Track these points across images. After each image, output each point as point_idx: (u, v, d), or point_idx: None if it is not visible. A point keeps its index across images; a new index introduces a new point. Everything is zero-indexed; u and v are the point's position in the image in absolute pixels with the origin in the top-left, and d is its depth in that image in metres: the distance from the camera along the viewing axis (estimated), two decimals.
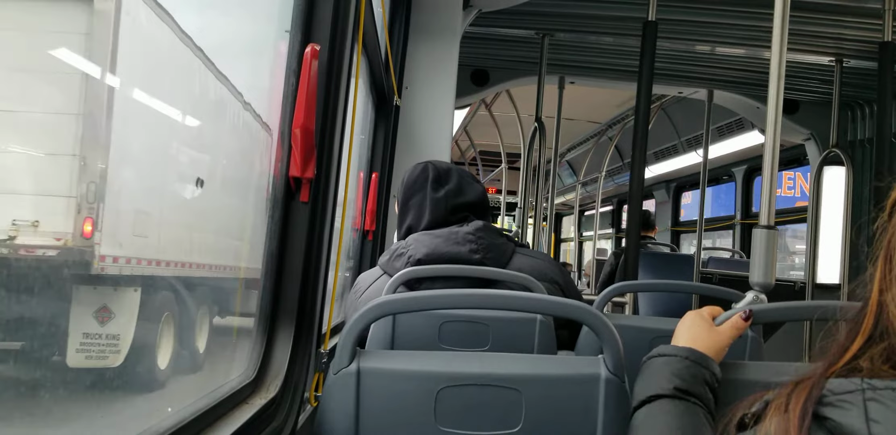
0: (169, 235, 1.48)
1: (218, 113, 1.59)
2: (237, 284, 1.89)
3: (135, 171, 1.31)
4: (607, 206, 10.72)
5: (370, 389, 1.29)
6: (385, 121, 3.33)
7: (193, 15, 1.43)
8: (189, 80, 1.45)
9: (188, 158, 1.50)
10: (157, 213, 1.42)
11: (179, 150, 1.48)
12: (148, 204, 1.38)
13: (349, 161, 1.71)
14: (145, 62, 1.32)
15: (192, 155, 1.52)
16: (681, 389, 1.16)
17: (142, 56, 1.32)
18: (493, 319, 1.94)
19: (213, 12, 1.51)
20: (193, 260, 1.58)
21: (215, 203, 1.62)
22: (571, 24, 4.41)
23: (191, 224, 1.56)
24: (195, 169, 1.50)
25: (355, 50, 1.67)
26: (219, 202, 1.65)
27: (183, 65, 1.41)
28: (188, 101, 1.47)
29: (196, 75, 1.46)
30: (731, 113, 6.04)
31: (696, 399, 1.15)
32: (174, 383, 1.50)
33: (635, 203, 3.67)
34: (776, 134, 2.23)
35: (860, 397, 0.74)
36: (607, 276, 6.25)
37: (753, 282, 2.23)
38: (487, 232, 2.12)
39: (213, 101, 1.55)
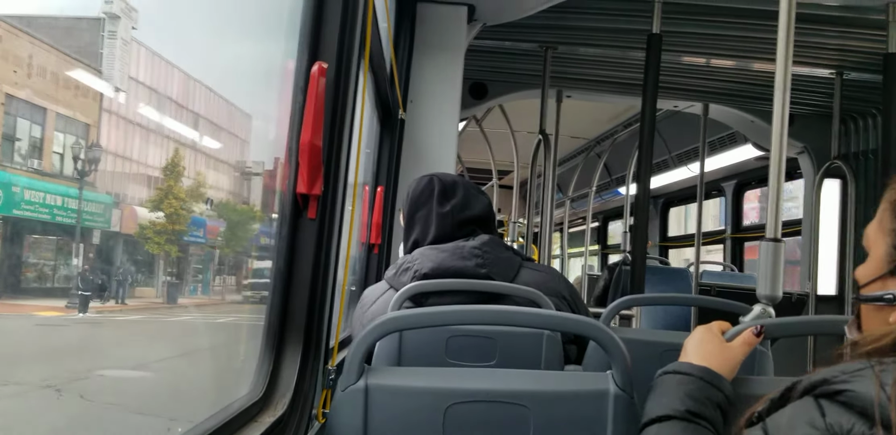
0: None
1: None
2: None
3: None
4: (593, 223, 10.74)
5: (378, 406, 1.29)
6: (390, 134, 3.35)
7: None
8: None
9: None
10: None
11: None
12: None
13: (356, 176, 1.72)
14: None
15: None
16: (693, 412, 1.15)
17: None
18: (501, 333, 1.94)
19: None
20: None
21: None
22: (575, 37, 4.42)
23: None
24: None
25: (361, 66, 1.68)
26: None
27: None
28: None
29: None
30: (722, 127, 6.05)
31: (707, 423, 1.15)
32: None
33: (641, 217, 3.67)
34: (782, 147, 2.23)
35: (870, 371, 0.81)
36: (601, 290, 6.27)
37: (760, 295, 2.22)
38: (494, 246, 2.12)
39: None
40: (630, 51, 4.46)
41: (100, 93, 1.42)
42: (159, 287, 1.82)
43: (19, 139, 1.26)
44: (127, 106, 1.56)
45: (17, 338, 1.16)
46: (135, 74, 1.49)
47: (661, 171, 7.51)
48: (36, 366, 1.17)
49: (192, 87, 1.72)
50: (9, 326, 1.15)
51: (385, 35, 2.71)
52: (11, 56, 1.17)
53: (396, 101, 3.24)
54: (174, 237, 1.68)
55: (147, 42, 1.44)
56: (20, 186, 1.28)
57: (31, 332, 1.20)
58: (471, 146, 7.52)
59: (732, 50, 4.40)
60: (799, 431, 0.83)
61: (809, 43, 4.12)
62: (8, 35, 1.16)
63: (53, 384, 1.18)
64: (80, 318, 1.29)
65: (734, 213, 7.38)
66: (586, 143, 7.83)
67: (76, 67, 1.35)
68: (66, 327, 1.32)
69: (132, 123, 1.60)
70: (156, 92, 1.63)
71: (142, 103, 1.59)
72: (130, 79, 1.48)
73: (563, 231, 10.85)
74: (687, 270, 6.38)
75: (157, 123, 1.67)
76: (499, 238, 2.20)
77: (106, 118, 1.48)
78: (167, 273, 1.81)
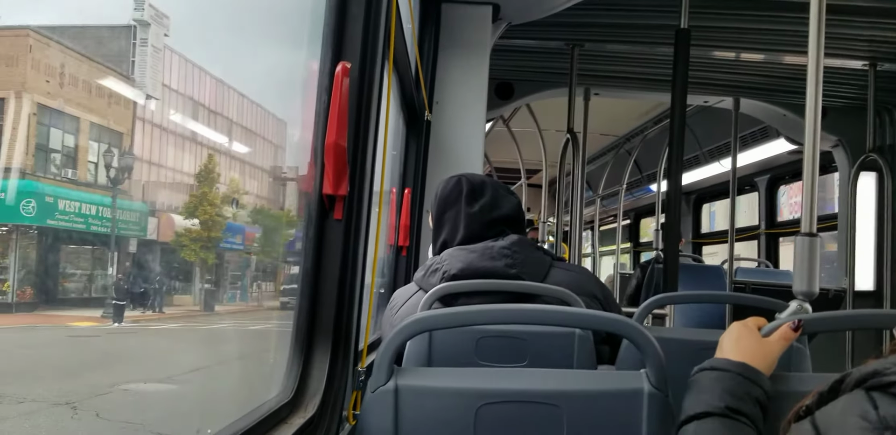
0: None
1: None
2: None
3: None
4: (625, 220, 10.64)
5: (408, 406, 1.28)
6: (416, 136, 3.34)
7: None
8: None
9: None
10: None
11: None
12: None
13: (382, 178, 1.71)
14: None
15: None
16: (732, 409, 1.12)
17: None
18: (532, 333, 1.92)
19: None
20: None
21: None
22: (602, 33, 4.39)
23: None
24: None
25: (386, 67, 1.68)
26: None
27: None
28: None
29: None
30: (754, 122, 5.97)
31: (747, 419, 1.12)
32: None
33: (673, 214, 3.62)
34: (816, 141, 2.19)
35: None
36: (634, 289, 6.20)
37: (797, 290, 2.18)
38: (523, 246, 2.10)
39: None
40: (658, 46, 4.41)
41: (132, 100, 1.43)
42: (197, 294, 1.83)
43: (53, 149, 1.28)
44: (160, 113, 1.57)
45: (46, 351, 1.15)
46: (167, 81, 1.50)
47: (693, 167, 7.42)
48: (57, 381, 1.16)
49: (224, 93, 1.73)
50: (40, 337, 1.15)
51: (410, 36, 2.70)
52: (43, 66, 1.18)
53: (422, 103, 3.24)
54: (210, 244, 1.69)
55: (176, 49, 1.45)
56: (54, 196, 1.30)
57: (62, 344, 1.20)
58: (498, 146, 7.51)
59: (762, 43, 4.33)
60: (850, 424, 0.80)
61: (841, 34, 4.04)
62: (39, 45, 1.16)
63: (70, 401, 1.16)
64: (114, 328, 1.29)
65: (768, 208, 7.27)
66: (616, 140, 7.76)
67: (108, 76, 1.37)
68: (97, 338, 1.31)
69: (166, 131, 1.61)
70: (189, 98, 1.64)
71: (175, 110, 1.60)
72: (163, 86, 1.49)
73: (594, 229, 10.78)
74: (721, 268, 6.29)
75: (191, 130, 1.68)
76: (528, 238, 2.18)
77: (139, 126, 1.48)
78: (204, 280, 1.82)
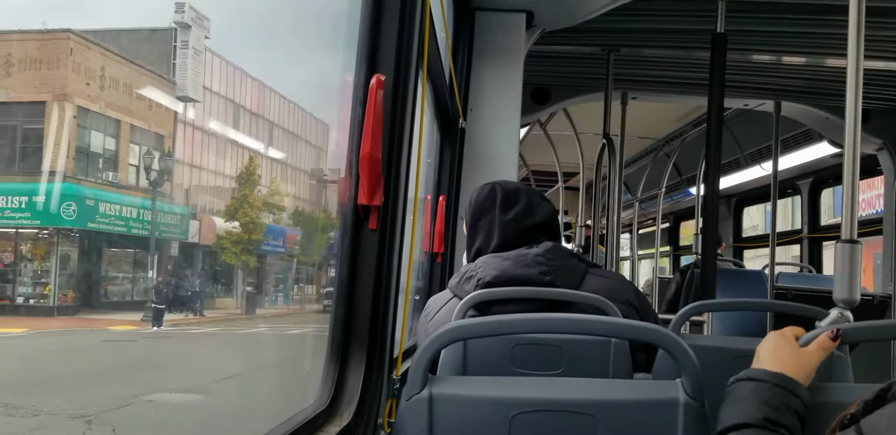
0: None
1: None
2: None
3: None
4: (664, 224, 10.51)
5: (443, 415, 1.28)
6: (451, 144, 3.36)
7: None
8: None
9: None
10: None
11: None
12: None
13: (416, 186, 1.73)
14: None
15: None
16: (770, 420, 1.11)
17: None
18: (567, 341, 1.91)
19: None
20: None
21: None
22: (638, 39, 4.36)
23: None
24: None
25: (420, 77, 1.69)
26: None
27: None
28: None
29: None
30: (796, 125, 5.88)
31: (786, 431, 1.11)
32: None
33: (710, 219, 3.58)
34: (856, 145, 2.15)
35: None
36: (673, 294, 6.12)
37: (837, 298, 2.14)
38: (557, 253, 2.09)
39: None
40: (695, 51, 4.38)
41: (174, 103, 1.45)
42: (238, 298, 1.85)
43: (94, 152, 1.29)
44: (202, 116, 1.59)
45: (77, 357, 1.13)
46: (208, 84, 1.51)
47: (733, 170, 7.33)
48: (80, 390, 1.13)
49: (266, 96, 1.76)
50: (73, 343, 1.14)
51: (443, 44, 2.72)
52: (84, 68, 1.20)
53: (456, 111, 3.25)
54: (251, 247, 1.71)
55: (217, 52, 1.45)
56: (95, 199, 1.31)
57: (94, 350, 1.18)
58: (535, 149, 7.50)
59: (801, 46, 4.27)
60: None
61: (883, 36, 3.96)
62: (80, 47, 1.18)
63: (87, 414, 1.12)
64: (151, 332, 1.29)
65: (811, 211, 7.14)
66: (654, 143, 7.70)
67: (149, 78, 1.39)
68: (132, 343, 1.30)
69: (207, 133, 1.63)
70: (230, 101, 1.66)
71: (216, 112, 1.62)
72: (204, 88, 1.50)
73: (632, 232, 10.68)
74: (762, 273, 6.18)
75: (232, 132, 1.70)
76: (563, 245, 2.18)
77: (180, 128, 1.50)
78: (245, 283, 1.84)
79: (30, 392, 1.05)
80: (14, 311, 1.21)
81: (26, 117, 1.14)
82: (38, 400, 1.07)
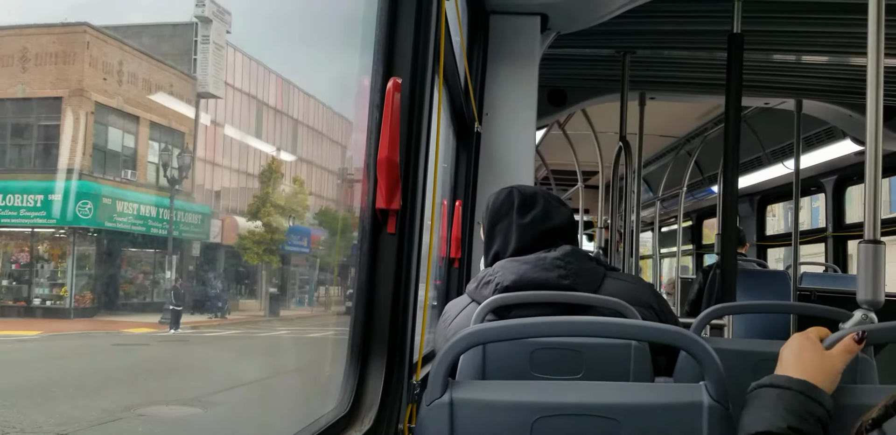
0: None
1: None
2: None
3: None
4: (686, 222, 10.43)
5: (464, 420, 1.27)
6: (467, 148, 3.35)
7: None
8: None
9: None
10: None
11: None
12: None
13: (434, 191, 1.72)
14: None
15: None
16: (794, 429, 1.10)
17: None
18: (587, 345, 1.90)
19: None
20: None
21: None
22: (653, 40, 4.35)
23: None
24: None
25: (436, 80, 1.69)
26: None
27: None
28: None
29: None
30: (819, 122, 5.82)
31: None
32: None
33: (729, 218, 3.55)
34: (878, 143, 2.13)
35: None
36: (696, 294, 6.05)
37: (861, 300, 2.12)
38: (576, 256, 2.08)
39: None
40: (712, 51, 4.35)
41: (194, 99, 1.41)
42: (262, 299, 1.83)
43: (112, 150, 1.26)
44: (225, 113, 1.55)
45: (77, 363, 1.02)
46: (230, 80, 1.47)
47: (756, 168, 7.25)
48: (67, 401, 0.98)
49: (289, 92, 1.73)
50: (79, 347, 1.05)
51: (458, 48, 2.72)
52: (101, 63, 1.17)
53: (472, 115, 3.25)
54: (274, 247, 1.69)
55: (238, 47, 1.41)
56: (112, 198, 1.27)
57: (99, 354, 1.09)
58: (554, 149, 7.48)
59: (821, 45, 4.24)
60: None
61: None
62: (96, 41, 1.15)
63: (64, 432, 0.97)
64: (166, 336, 1.24)
65: (835, 210, 7.05)
66: (676, 141, 7.65)
67: (170, 74, 1.35)
68: (142, 348, 1.21)
69: (229, 130, 1.60)
70: (253, 97, 1.63)
71: (238, 109, 1.60)
72: (226, 84, 1.45)
73: (654, 231, 10.62)
74: (786, 273, 6.11)
75: (254, 130, 1.68)
76: (581, 248, 2.16)
77: (202, 126, 1.47)
78: (269, 284, 1.83)
79: (6, 404, 0.91)
80: (30, 313, 1.18)
81: (42, 113, 1.11)
82: (14, 414, 0.93)
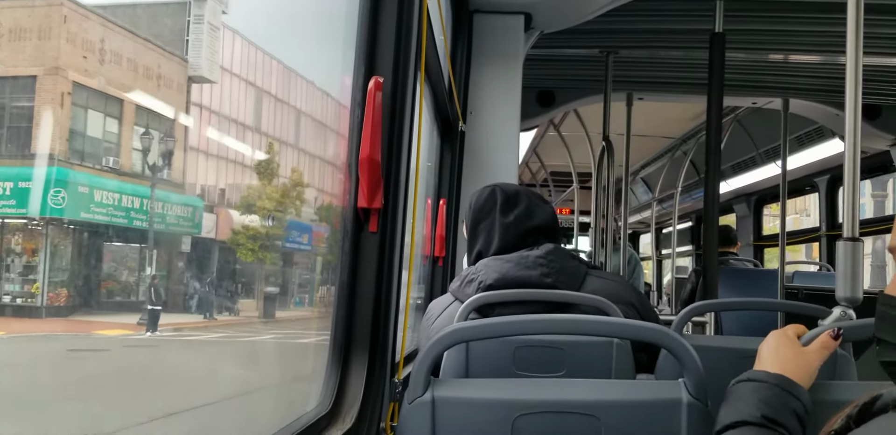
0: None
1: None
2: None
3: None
4: (686, 223, 10.48)
5: (446, 418, 1.28)
6: (450, 146, 3.35)
7: None
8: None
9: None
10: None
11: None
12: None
13: (416, 189, 1.72)
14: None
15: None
16: (768, 418, 1.11)
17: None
18: (569, 343, 1.91)
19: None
20: None
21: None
22: (636, 40, 4.37)
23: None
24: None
25: (418, 79, 1.69)
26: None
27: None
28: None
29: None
30: (811, 121, 5.86)
31: (784, 430, 1.10)
32: None
33: (711, 219, 3.58)
34: (856, 142, 2.15)
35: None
36: (689, 294, 6.10)
37: (840, 297, 2.14)
38: (558, 255, 2.09)
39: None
40: (695, 51, 4.38)
41: (186, 83, 1.32)
42: (257, 299, 1.76)
43: (91, 135, 1.16)
44: (220, 98, 1.46)
45: (20, 373, 0.85)
46: (227, 64, 1.38)
47: (750, 168, 7.27)
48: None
49: (291, 80, 1.65)
50: (30, 352, 0.89)
51: (441, 47, 2.72)
52: (80, 40, 1.07)
53: (456, 113, 3.25)
54: (269, 243, 1.62)
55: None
56: (90, 186, 1.17)
57: (52, 361, 0.92)
58: (552, 150, 7.49)
59: (805, 45, 4.27)
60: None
61: (887, 34, 3.96)
62: (75, 15, 1.05)
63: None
64: (138, 339, 1.13)
65: (829, 209, 7.08)
66: (673, 142, 7.69)
67: (158, 54, 1.25)
68: (102, 353, 1.06)
69: (223, 118, 1.53)
70: (250, 84, 1.56)
71: (234, 95, 1.52)
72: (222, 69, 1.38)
73: (652, 232, 10.63)
74: (776, 272, 6.16)
75: (252, 118, 1.61)
76: (563, 247, 2.17)
77: (194, 111, 1.39)
78: (265, 283, 1.76)
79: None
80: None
81: (14, 93, 1.01)
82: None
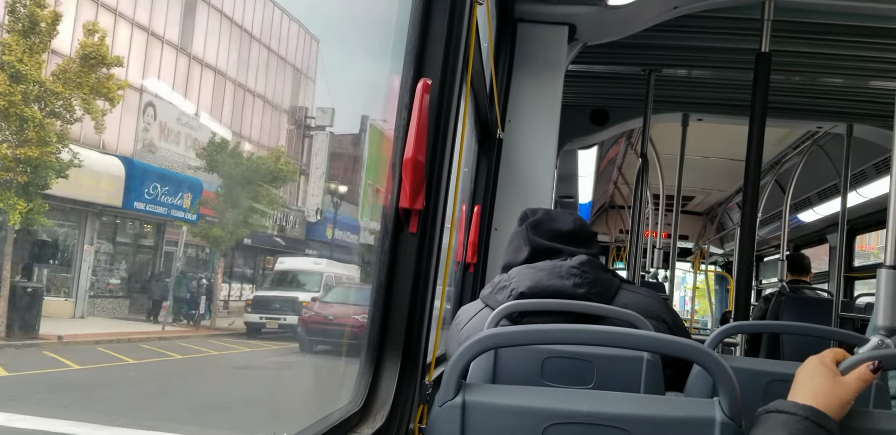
0: None
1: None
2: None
3: None
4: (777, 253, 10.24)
5: (475, 423, 1.27)
6: (488, 153, 3.35)
7: None
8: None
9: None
10: None
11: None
12: None
13: (455, 193, 1.73)
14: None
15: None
16: None
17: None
18: (599, 356, 1.89)
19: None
20: None
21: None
22: (680, 58, 4.34)
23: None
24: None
25: (464, 84, 1.70)
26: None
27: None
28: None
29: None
30: None
31: None
32: None
33: (746, 247, 3.52)
34: None
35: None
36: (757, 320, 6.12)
37: (879, 326, 2.10)
38: (592, 266, 2.08)
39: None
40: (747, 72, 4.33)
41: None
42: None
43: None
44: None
45: None
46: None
47: (833, 195, 7.10)
48: None
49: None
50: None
51: (486, 54, 2.72)
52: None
53: (495, 121, 3.25)
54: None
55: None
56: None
57: None
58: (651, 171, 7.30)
59: (861, 70, 4.20)
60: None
61: None
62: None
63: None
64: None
65: None
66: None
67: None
68: None
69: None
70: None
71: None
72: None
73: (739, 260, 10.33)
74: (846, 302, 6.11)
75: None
76: (597, 259, 2.16)
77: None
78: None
79: None
80: None
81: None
82: None
